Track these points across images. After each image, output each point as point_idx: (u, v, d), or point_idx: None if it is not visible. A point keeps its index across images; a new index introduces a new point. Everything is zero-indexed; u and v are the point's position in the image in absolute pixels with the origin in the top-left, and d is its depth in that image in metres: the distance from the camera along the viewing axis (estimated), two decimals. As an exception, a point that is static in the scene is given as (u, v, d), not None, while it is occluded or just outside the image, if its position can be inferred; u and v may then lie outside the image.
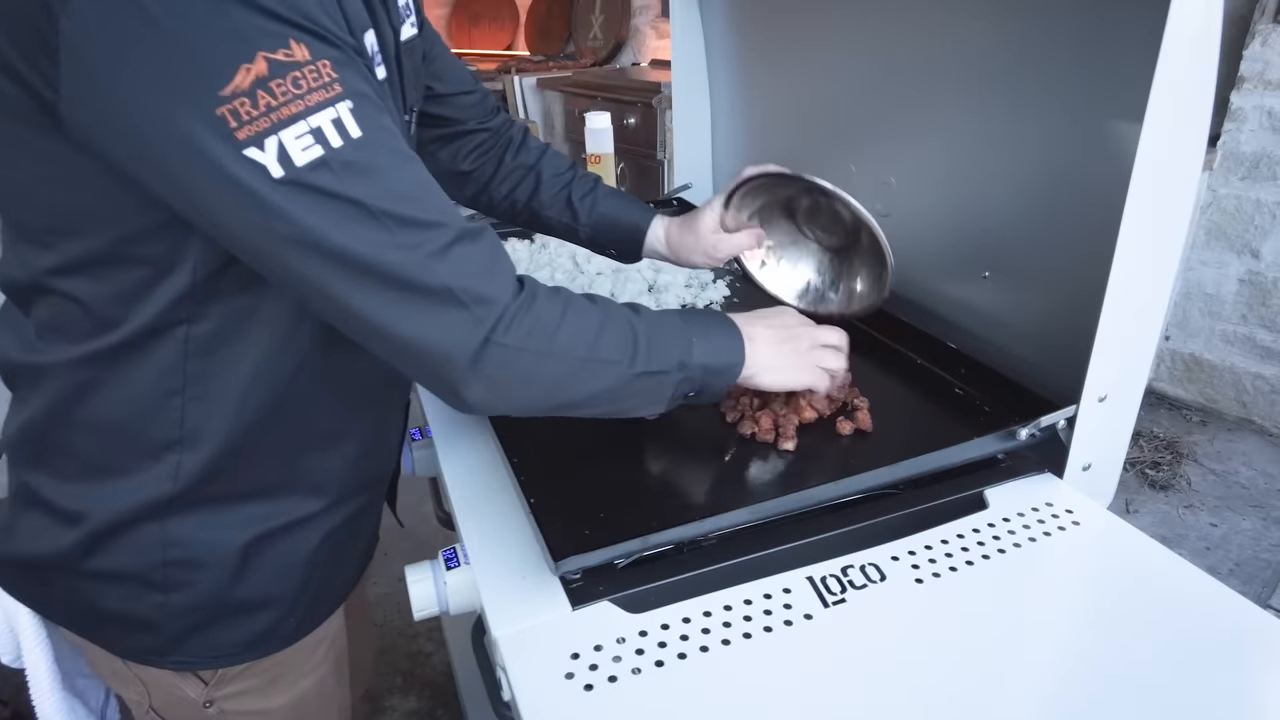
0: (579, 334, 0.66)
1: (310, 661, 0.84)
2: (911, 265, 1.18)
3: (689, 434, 0.92)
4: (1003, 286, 1.04)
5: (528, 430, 0.91)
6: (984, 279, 1.06)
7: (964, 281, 1.10)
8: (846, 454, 0.88)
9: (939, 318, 1.12)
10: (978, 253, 1.07)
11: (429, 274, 0.58)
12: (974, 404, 0.97)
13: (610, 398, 0.69)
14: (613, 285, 1.26)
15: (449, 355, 0.60)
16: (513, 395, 0.65)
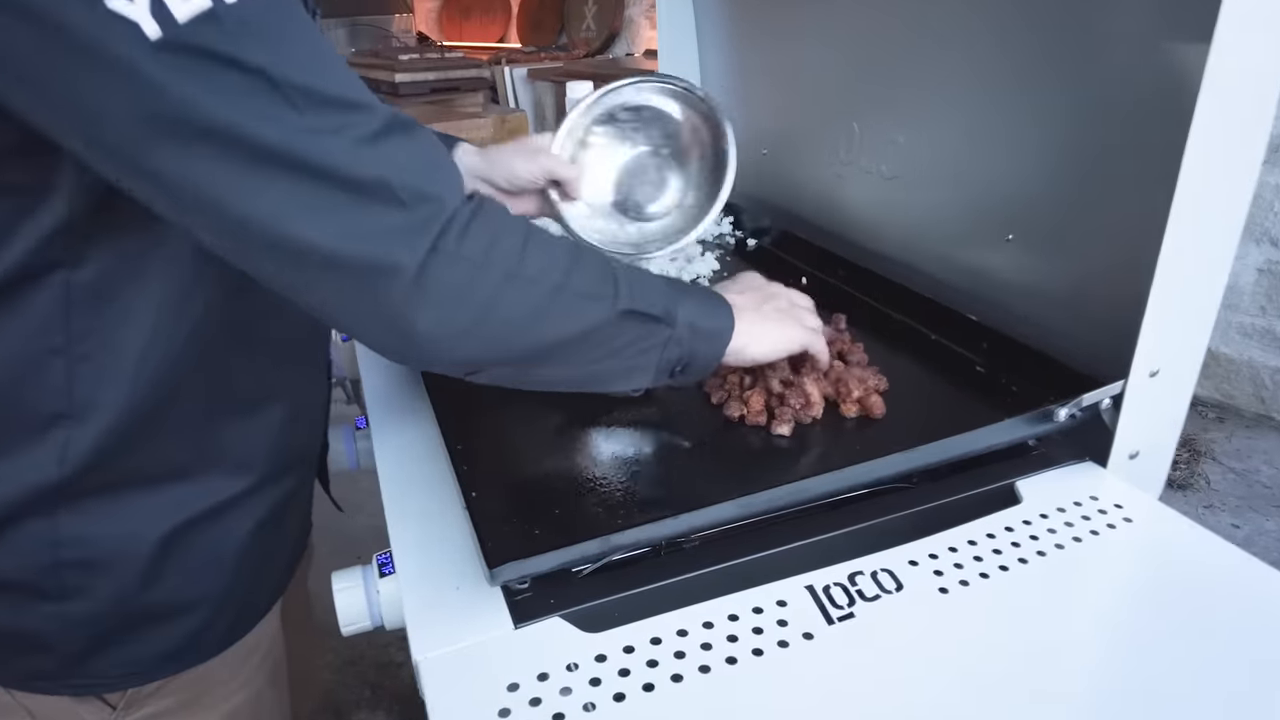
0: (550, 256, 0.54)
1: (241, 674, 0.72)
2: (920, 231, 1.05)
3: (666, 416, 0.78)
4: (1029, 249, 0.90)
5: (475, 413, 0.77)
6: (1007, 242, 0.93)
7: (983, 246, 0.96)
8: (851, 440, 0.74)
9: (952, 288, 0.98)
10: (999, 213, 0.94)
11: (356, 163, 0.45)
12: (998, 383, 0.84)
13: (592, 348, 0.57)
14: (588, 257, 1.12)
15: (389, 266, 0.47)
16: (473, 329, 0.51)
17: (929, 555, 0.64)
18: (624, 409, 0.79)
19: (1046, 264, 0.89)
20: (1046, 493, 0.72)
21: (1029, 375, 0.82)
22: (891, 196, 1.10)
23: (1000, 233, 0.94)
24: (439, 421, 0.75)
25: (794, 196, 1.31)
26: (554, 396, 0.82)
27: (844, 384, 0.77)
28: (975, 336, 0.89)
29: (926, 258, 1.04)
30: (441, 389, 0.81)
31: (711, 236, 1.28)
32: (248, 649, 0.71)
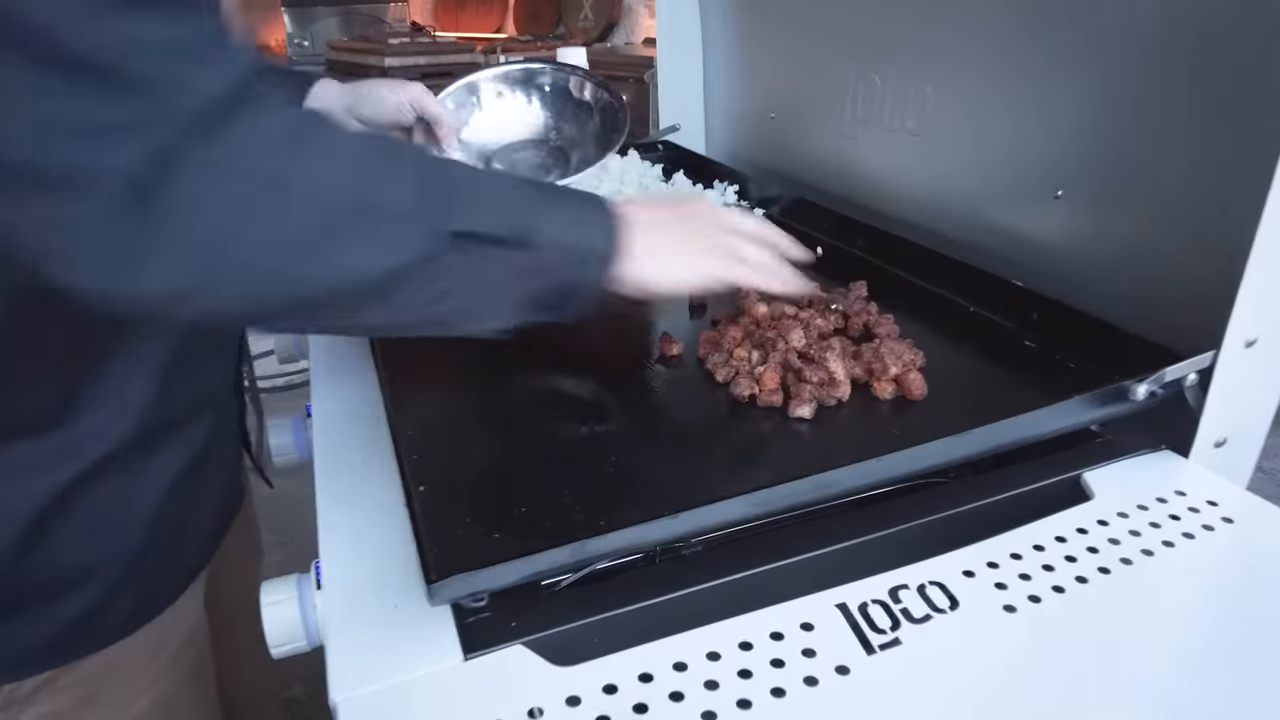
0: (338, 159, 0.41)
1: (151, 669, 0.60)
2: (951, 192, 0.92)
3: (661, 395, 0.66)
4: (1082, 206, 0.78)
5: (433, 386, 0.65)
6: (1055, 200, 0.80)
7: (1026, 205, 0.84)
8: (886, 424, 0.62)
9: (990, 253, 0.86)
10: (1045, 167, 0.81)
11: (67, 30, 0.33)
12: (1052, 359, 0.71)
13: (406, 283, 0.43)
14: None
15: (93, 174, 0.34)
16: (213, 265, 0.38)
17: (988, 564, 0.52)
18: (612, 385, 0.67)
19: (1104, 221, 0.76)
20: (1121, 487, 0.59)
21: (1088, 349, 0.70)
22: (917, 155, 0.97)
23: (1047, 189, 0.81)
24: (387, 398, 0.62)
25: (805, 162, 1.18)
26: (528, 367, 0.69)
27: (878, 360, 0.65)
28: (1023, 306, 0.76)
29: (959, 221, 0.91)
30: (395, 357, 0.69)
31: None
32: (159, 638, 0.59)
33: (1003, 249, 0.86)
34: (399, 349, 0.72)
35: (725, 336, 0.70)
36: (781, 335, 0.68)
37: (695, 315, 0.83)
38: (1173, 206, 0.68)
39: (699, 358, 0.71)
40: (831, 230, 1.02)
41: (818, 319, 0.73)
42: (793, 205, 1.09)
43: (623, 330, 0.80)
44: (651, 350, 0.73)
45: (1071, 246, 0.79)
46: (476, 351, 0.75)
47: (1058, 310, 0.73)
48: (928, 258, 0.87)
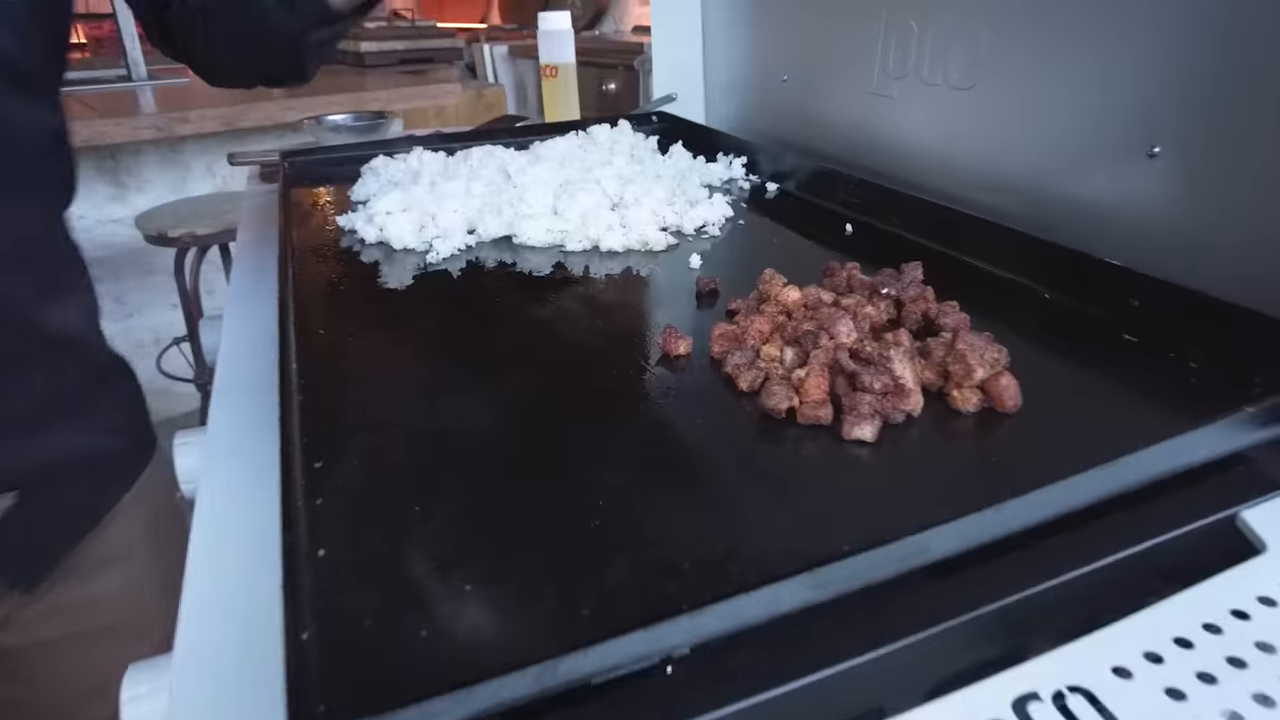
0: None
1: None
2: (1009, 155, 0.76)
3: (664, 412, 0.49)
4: (1189, 164, 0.62)
5: (360, 404, 0.48)
6: (1150, 158, 0.65)
7: (1109, 169, 0.68)
8: (975, 448, 0.46)
9: (1060, 231, 0.70)
10: (1137, 118, 0.65)
11: None
12: (1163, 356, 0.55)
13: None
14: (556, 200, 0.83)
15: None
16: None
17: (1147, 656, 0.36)
18: (598, 397, 0.50)
19: (1219, 181, 0.60)
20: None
21: (1212, 343, 0.54)
22: (967, 113, 0.81)
23: (1139, 146, 0.65)
24: (288, 414, 0.46)
25: (825, 128, 1.02)
26: (489, 373, 0.53)
27: (958, 360, 0.48)
28: (1119, 291, 0.60)
29: (1021, 191, 0.75)
30: (316, 361, 0.52)
31: (720, 181, 0.99)
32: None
33: (1078, 224, 0.71)
34: (321, 345, 0.56)
35: (749, 330, 0.54)
36: (824, 328, 0.52)
37: (704, 303, 0.66)
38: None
39: (713, 358, 0.55)
40: (862, 205, 0.85)
41: (866, 307, 0.57)
42: (813, 178, 0.93)
43: (612, 324, 0.63)
44: (650, 349, 0.57)
45: (1174, 216, 0.64)
46: (424, 348, 0.59)
47: (1168, 294, 0.58)
48: (987, 233, 0.71)
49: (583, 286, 0.71)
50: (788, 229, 0.85)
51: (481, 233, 0.81)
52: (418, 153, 0.98)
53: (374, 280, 0.73)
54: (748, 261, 0.76)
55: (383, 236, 0.79)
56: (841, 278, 0.64)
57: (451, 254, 0.77)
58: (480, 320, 0.64)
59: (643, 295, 0.70)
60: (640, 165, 0.97)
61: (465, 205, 0.82)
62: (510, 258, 0.78)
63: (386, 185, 0.91)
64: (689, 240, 0.81)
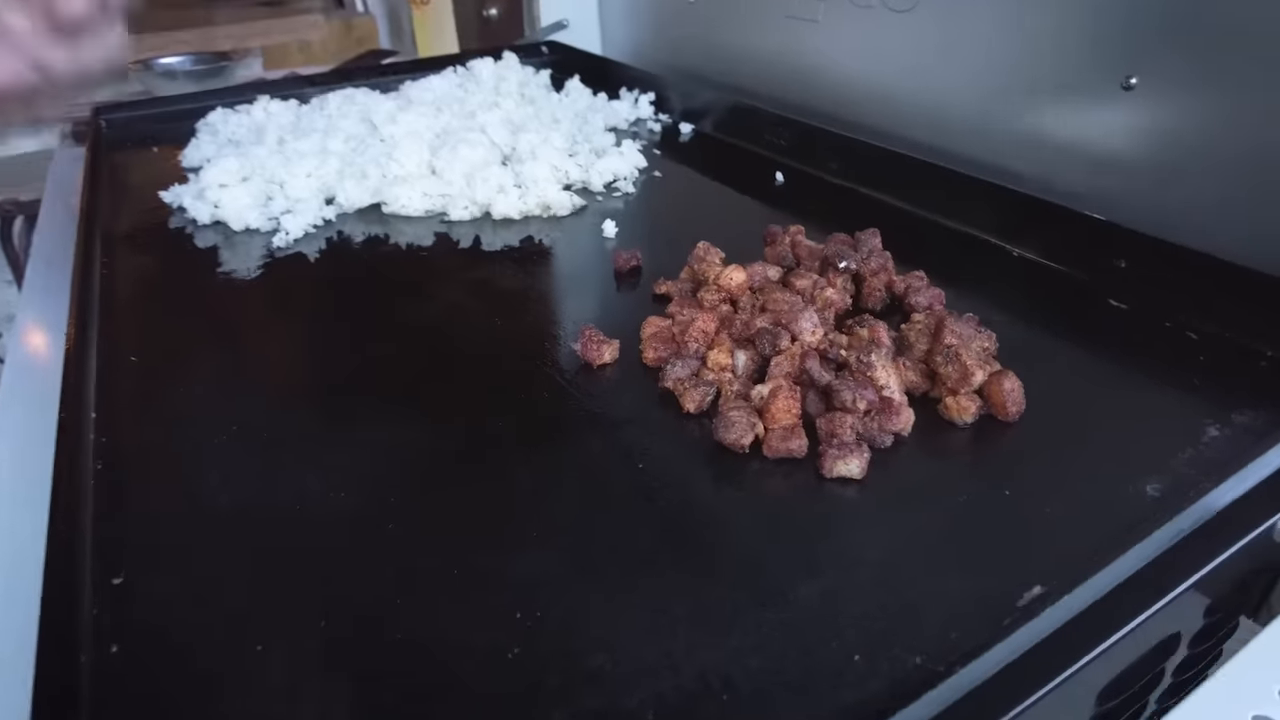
0: None
1: None
2: (958, 88, 0.66)
3: (589, 450, 0.38)
4: (1171, 98, 0.54)
5: (170, 479, 0.36)
6: (1126, 91, 0.56)
7: (1079, 104, 0.59)
8: (991, 489, 0.37)
9: (1023, 178, 0.61)
10: (1108, 45, 0.57)
11: None
12: (1158, 326, 0.48)
13: None
14: (433, 156, 0.69)
15: None
16: None
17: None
18: (497, 429, 0.38)
19: (1207, 118, 0.52)
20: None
21: (1214, 310, 0.47)
22: (906, 40, 0.71)
23: (1112, 76, 0.57)
24: (70, 501, 0.33)
25: (743, 58, 0.90)
26: (341, 422, 0.40)
27: (951, 362, 0.39)
28: (1100, 249, 0.52)
29: (975, 130, 0.66)
30: (118, 409, 0.39)
31: (626, 122, 0.87)
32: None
33: (1041, 168, 0.62)
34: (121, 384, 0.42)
35: (690, 330, 0.43)
36: (783, 325, 0.42)
37: (625, 285, 0.55)
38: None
39: (645, 364, 0.44)
40: (789, 149, 0.75)
41: (827, 290, 0.46)
42: (732, 117, 0.82)
43: (514, 323, 0.51)
44: (565, 357, 0.46)
45: (1157, 159, 0.56)
46: (265, 382, 0.45)
47: (1158, 253, 0.50)
48: (941, 181, 0.62)
49: (473, 269, 0.58)
50: (710, 180, 0.74)
51: (342, 202, 0.66)
52: (263, 103, 0.81)
53: (207, 276, 0.58)
54: (671, 227, 0.65)
55: (219, 215, 0.64)
56: (785, 245, 0.54)
57: (305, 232, 0.63)
58: (341, 332, 0.51)
59: (549, 278, 0.58)
60: (532, 107, 0.84)
61: (321, 168, 0.67)
62: (380, 231, 0.64)
63: (226, 147, 0.74)
64: (598, 200, 0.69)
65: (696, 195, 0.72)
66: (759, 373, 0.42)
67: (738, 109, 0.81)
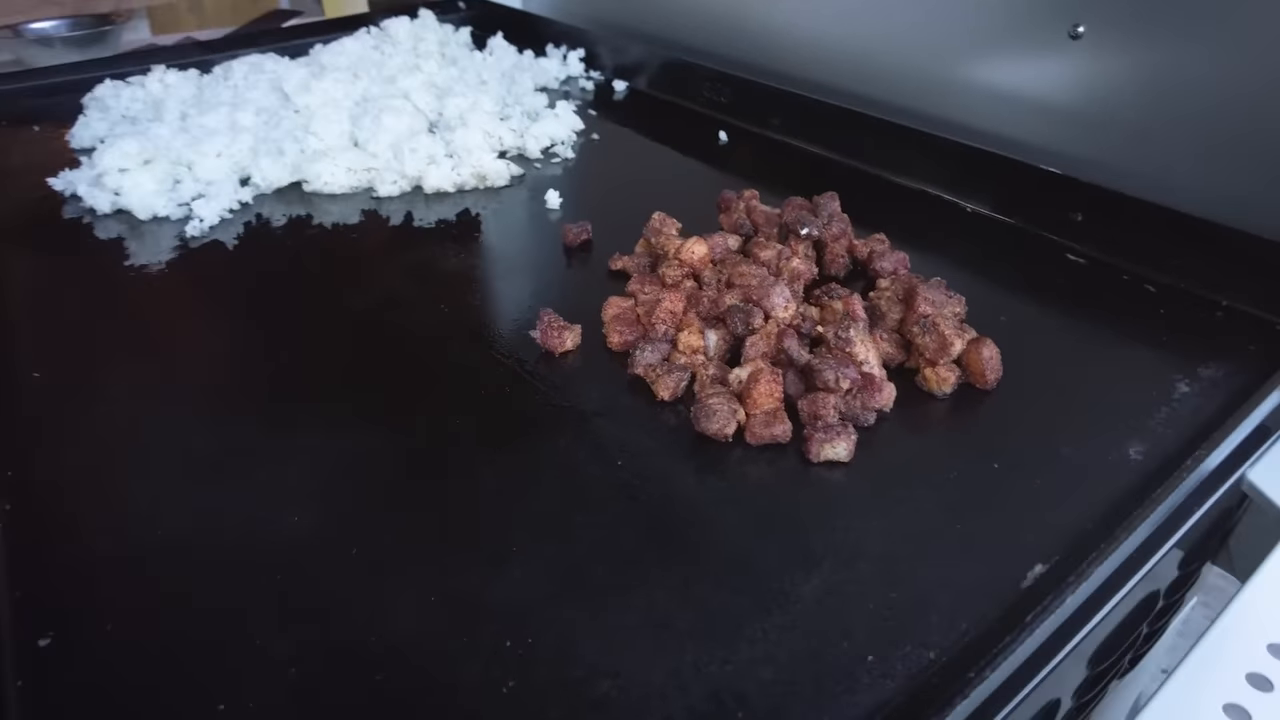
0: None
1: None
2: (902, 39, 0.65)
3: (564, 450, 0.36)
4: (1120, 47, 0.53)
5: (86, 519, 0.32)
6: (1074, 39, 0.55)
7: (1026, 54, 0.58)
8: (982, 463, 0.36)
9: (973, 132, 0.60)
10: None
11: None
12: (1116, 279, 0.48)
13: None
14: (355, 127, 0.64)
15: None
16: None
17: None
18: (464, 449, 0.36)
19: (1156, 67, 0.52)
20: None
21: (1171, 261, 0.47)
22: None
23: (1058, 24, 0.56)
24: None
25: (676, 11, 0.86)
26: (281, 430, 0.36)
27: (929, 332, 0.38)
28: (1057, 203, 0.52)
29: (921, 83, 0.65)
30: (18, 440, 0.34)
31: (556, 81, 0.82)
32: None
33: (991, 122, 0.61)
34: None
35: (656, 311, 0.41)
36: (754, 301, 0.40)
37: (576, 261, 0.52)
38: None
39: (610, 348, 0.42)
40: (732, 107, 0.72)
41: (793, 261, 0.45)
42: (668, 73, 0.79)
43: (462, 309, 0.48)
44: (523, 345, 0.43)
45: (1106, 109, 0.55)
46: (187, 392, 0.40)
47: (1117, 206, 0.50)
48: (891, 135, 0.60)
49: (410, 250, 0.54)
50: (652, 141, 0.71)
51: (259, 182, 0.61)
52: (158, 74, 0.74)
53: (113, 273, 0.52)
54: (618, 195, 0.62)
55: (121, 203, 0.58)
56: (741, 212, 0.52)
57: (221, 218, 0.57)
58: (271, 329, 0.46)
59: (493, 257, 0.54)
60: (455, 68, 0.79)
61: (232, 146, 0.61)
62: (303, 211, 0.59)
63: (120, 125, 0.67)
64: (536, 167, 0.66)
65: (639, 159, 0.69)
66: (731, 352, 0.40)
67: (673, 65, 0.78)
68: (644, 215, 0.50)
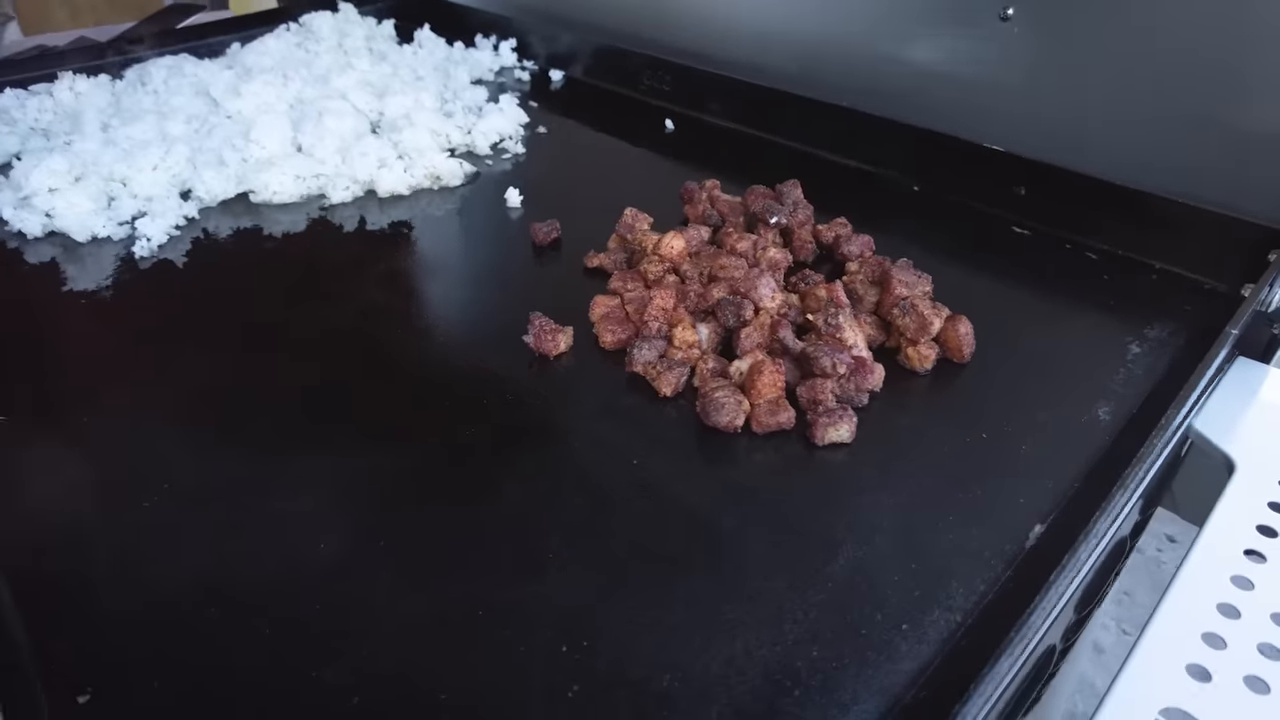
0: None
1: None
2: (834, 23, 0.67)
3: (579, 453, 0.36)
4: (1049, 28, 0.57)
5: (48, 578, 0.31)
6: (1003, 20, 0.58)
7: (957, 36, 0.61)
8: (969, 433, 0.38)
9: (908, 112, 0.63)
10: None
11: None
12: (1059, 249, 0.52)
13: None
14: (296, 132, 0.62)
15: None
16: None
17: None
18: (453, 442, 0.36)
19: (1085, 46, 0.55)
20: (1255, 435, 0.42)
21: (1111, 231, 0.51)
22: None
23: (987, 6, 0.59)
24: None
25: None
26: (269, 462, 0.36)
27: (910, 314, 0.40)
28: (1000, 178, 0.55)
29: (856, 64, 0.67)
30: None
31: (490, 73, 0.81)
32: None
33: (919, 100, 0.64)
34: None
35: (648, 309, 0.41)
36: (742, 293, 0.41)
37: (547, 260, 0.52)
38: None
39: (604, 348, 0.43)
40: (673, 92, 0.73)
41: (770, 251, 0.46)
42: (604, 62, 0.79)
43: (443, 318, 0.48)
44: (516, 351, 0.43)
45: (1036, 89, 0.58)
46: (154, 429, 0.39)
47: (1056, 178, 0.53)
48: (834, 118, 0.63)
49: (374, 260, 0.53)
50: (599, 133, 0.71)
51: (203, 195, 0.58)
52: (67, 80, 0.70)
53: (55, 300, 0.50)
54: (578, 189, 0.62)
55: (54, 225, 0.55)
56: (705, 202, 0.53)
57: (168, 237, 0.55)
58: (246, 352, 0.45)
59: (462, 261, 0.54)
60: (388, 64, 0.77)
61: (168, 158, 0.59)
62: (253, 223, 0.57)
63: (34, 139, 0.63)
64: (488, 164, 0.65)
65: (591, 151, 0.69)
66: (723, 344, 0.41)
67: (610, 52, 0.78)
68: (607, 209, 0.51)
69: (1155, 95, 0.52)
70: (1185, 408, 0.37)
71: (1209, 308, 0.45)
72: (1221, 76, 0.49)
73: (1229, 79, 0.49)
